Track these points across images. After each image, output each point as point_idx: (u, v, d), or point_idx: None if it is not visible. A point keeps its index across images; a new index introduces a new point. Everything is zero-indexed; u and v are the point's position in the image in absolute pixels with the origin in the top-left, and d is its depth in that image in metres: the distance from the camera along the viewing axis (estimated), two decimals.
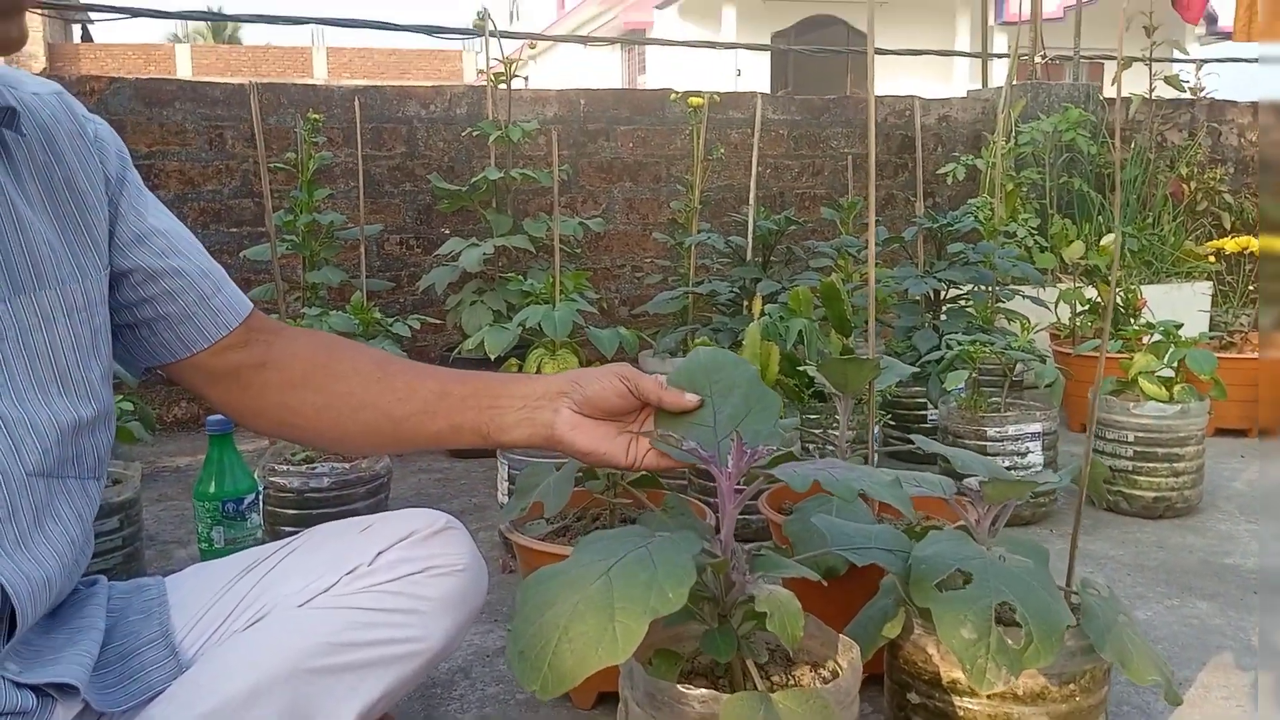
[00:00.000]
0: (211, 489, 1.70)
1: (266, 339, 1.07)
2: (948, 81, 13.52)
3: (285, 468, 1.93)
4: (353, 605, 0.99)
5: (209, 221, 3.29)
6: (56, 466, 0.89)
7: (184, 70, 23.12)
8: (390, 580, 1.01)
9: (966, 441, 2.21)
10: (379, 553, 1.03)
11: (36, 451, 0.87)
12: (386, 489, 2.04)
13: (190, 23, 30.13)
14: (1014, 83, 4.12)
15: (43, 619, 0.92)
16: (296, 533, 1.10)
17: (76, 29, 23.48)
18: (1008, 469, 2.12)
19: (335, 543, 1.06)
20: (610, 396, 1.03)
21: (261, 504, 1.79)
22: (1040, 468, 2.20)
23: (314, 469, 1.93)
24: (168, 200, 3.20)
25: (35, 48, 20.15)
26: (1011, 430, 2.20)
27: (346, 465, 1.96)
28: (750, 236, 3.01)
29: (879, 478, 0.92)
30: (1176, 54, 5.10)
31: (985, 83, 4.69)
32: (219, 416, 1.71)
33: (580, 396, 1.02)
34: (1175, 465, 2.23)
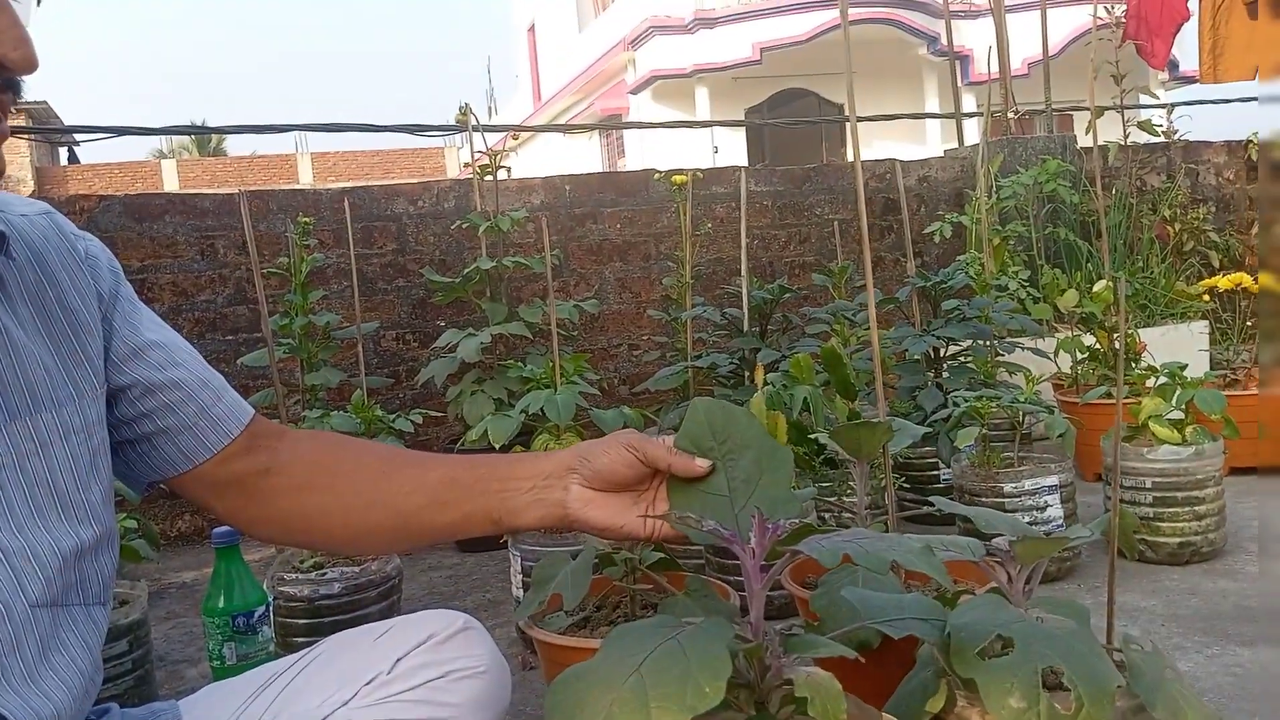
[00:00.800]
0: (220, 604, 1.65)
1: (269, 444, 1.05)
2: (922, 143, 13.76)
3: (294, 576, 1.89)
4: (376, 718, 0.95)
5: (204, 331, 3.29)
6: (60, 595, 0.86)
7: (171, 185, 23.46)
8: (411, 688, 0.98)
9: (983, 499, 2.18)
10: (397, 660, 0.99)
11: (39, 581, 0.84)
12: (398, 590, 2.00)
13: (175, 138, 30.65)
14: (990, 139, 4.19)
15: None
16: (310, 643, 1.06)
17: (63, 152, 23.88)
18: (1028, 524, 2.08)
19: (352, 652, 1.03)
20: (619, 467, 1.00)
21: (272, 615, 1.75)
22: (1060, 521, 2.17)
23: (324, 575, 1.89)
24: (162, 313, 3.20)
25: (23, 172, 20.46)
26: (1028, 485, 2.17)
27: (357, 569, 1.92)
28: (745, 307, 3.01)
29: (909, 545, 0.89)
30: (1145, 99, 5.19)
31: (960, 141, 4.76)
32: (225, 528, 1.67)
33: (589, 471, 1.00)
34: (1196, 509, 2.20)
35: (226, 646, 1.66)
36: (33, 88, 0.81)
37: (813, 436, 2.10)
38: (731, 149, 15.31)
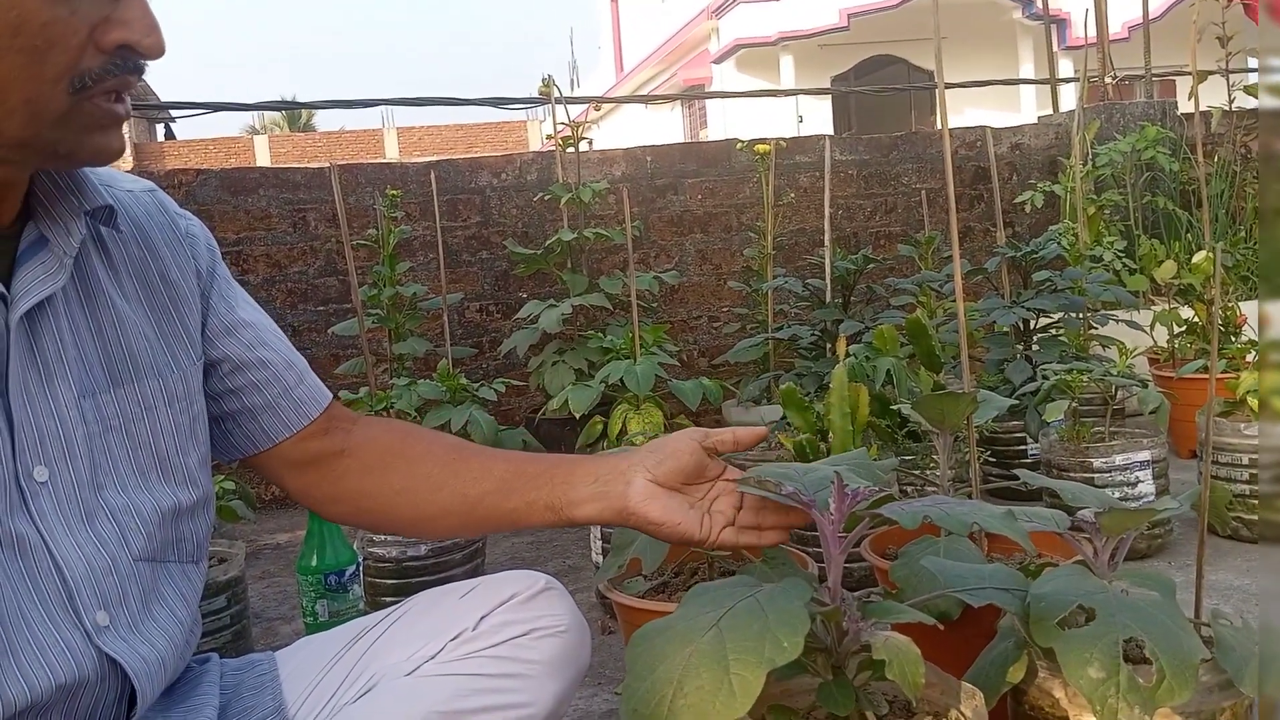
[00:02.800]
0: (314, 562, 1.72)
1: (345, 427, 1.10)
2: (1015, 110, 13.36)
3: (383, 538, 1.95)
4: (460, 672, 0.98)
5: (296, 301, 3.39)
6: (160, 551, 0.91)
7: (263, 159, 24.08)
8: (495, 645, 1.00)
9: (1072, 474, 2.13)
10: (482, 617, 1.02)
11: (141, 537, 0.89)
12: (482, 554, 2.05)
13: (267, 114, 31.42)
14: (1086, 105, 4.05)
15: (159, 698, 0.93)
16: (397, 602, 1.10)
17: (160, 128, 24.69)
18: (1119, 500, 2.04)
19: (438, 609, 1.05)
20: (684, 454, 1.01)
21: (362, 575, 1.81)
22: (1152, 497, 2.11)
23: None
24: (256, 283, 3.31)
25: (124, 138, 21.20)
26: (1119, 460, 2.12)
27: None
28: (828, 278, 2.98)
29: (991, 511, 0.89)
30: (1252, 63, 4.97)
31: (1055, 108, 4.62)
32: None
33: (654, 461, 1.01)
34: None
35: (319, 604, 1.72)
36: None
37: (895, 408, 2.07)
38: (816, 118, 15.07)
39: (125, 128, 0.89)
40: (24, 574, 0.81)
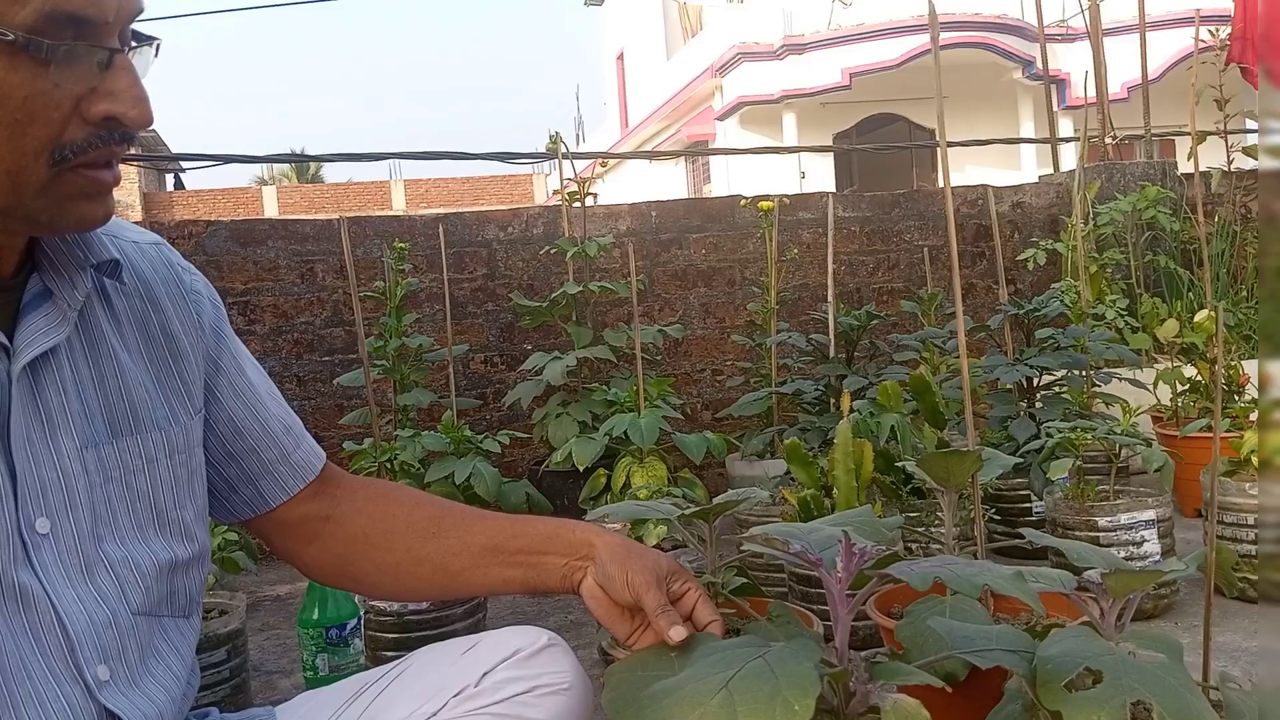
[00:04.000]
0: (315, 616, 1.71)
1: (332, 491, 1.11)
2: (1016, 168, 13.49)
3: None
4: None
5: (302, 351, 3.40)
6: (156, 605, 0.91)
7: (271, 210, 24.33)
8: (497, 702, 1.00)
9: (1077, 533, 2.12)
10: (484, 673, 1.01)
11: (139, 591, 0.89)
12: (484, 608, 2.03)
13: (275, 165, 31.78)
14: (1086, 165, 4.10)
15: None
16: (398, 657, 1.09)
17: (169, 178, 24.96)
18: (1124, 560, 2.02)
19: (440, 665, 1.05)
20: (619, 590, 1.01)
21: (363, 629, 1.80)
22: (1157, 557, 2.10)
23: None
24: (264, 333, 3.33)
25: (131, 197, 21.44)
26: (1124, 519, 2.11)
27: None
28: (832, 333, 3.00)
29: (1000, 572, 0.89)
30: (1251, 124, 5.03)
31: (1056, 167, 4.67)
32: None
33: (602, 575, 1.03)
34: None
35: (320, 657, 1.71)
36: None
37: (900, 465, 2.07)
38: (819, 175, 15.22)
39: (135, 177, 0.90)
40: (26, 627, 0.81)
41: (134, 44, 0.82)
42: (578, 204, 3.32)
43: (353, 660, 1.72)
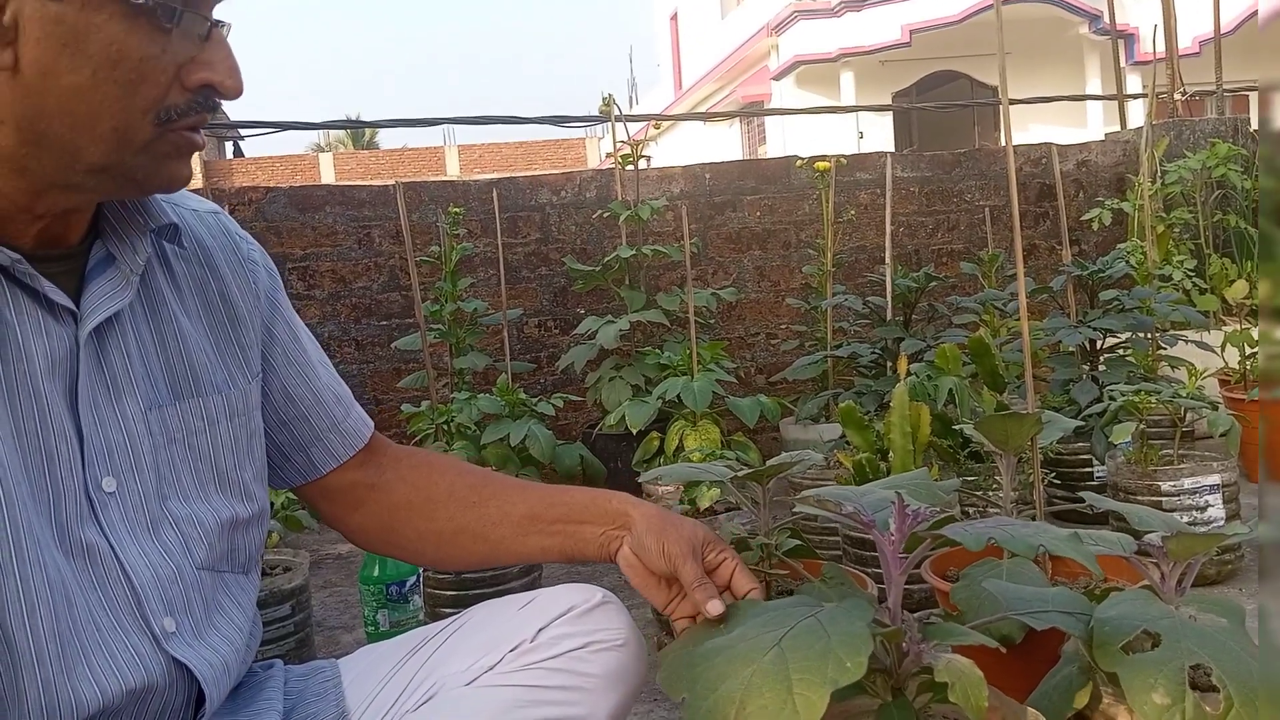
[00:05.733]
0: (376, 573, 1.74)
1: (378, 460, 1.13)
2: (1082, 126, 13.14)
3: None
4: (518, 683, 0.99)
5: (360, 316, 3.45)
6: (218, 561, 0.94)
7: (328, 176, 24.61)
8: (553, 656, 1.01)
9: (1139, 497, 2.08)
10: (540, 629, 1.03)
11: (203, 546, 0.92)
12: (539, 568, 2.06)
13: (332, 132, 32.11)
14: (1154, 122, 3.98)
15: (225, 702, 0.95)
16: (456, 613, 1.11)
17: (229, 146, 25.33)
18: (1187, 524, 1.99)
19: (497, 621, 1.07)
20: (655, 560, 1.03)
21: (422, 586, 1.83)
22: (1222, 522, 2.05)
23: None
24: (322, 298, 3.38)
25: (193, 164, 21.82)
26: (1188, 483, 2.07)
27: None
28: (889, 296, 2.96)
29: (1056, 533, 0.88)
30: None
31: (1123, 124, 4.54)
32: None
33: (636, 543, 1.04)
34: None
35: (380, 613, 1.75)
36: None
37: (957, 428, 2.05)
38: (877, 135, 14.98)
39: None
40: (94, 582, 0.84)
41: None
42: (630, 167, 3.31)
43: (412, 616, 1.76)
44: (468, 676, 1.01)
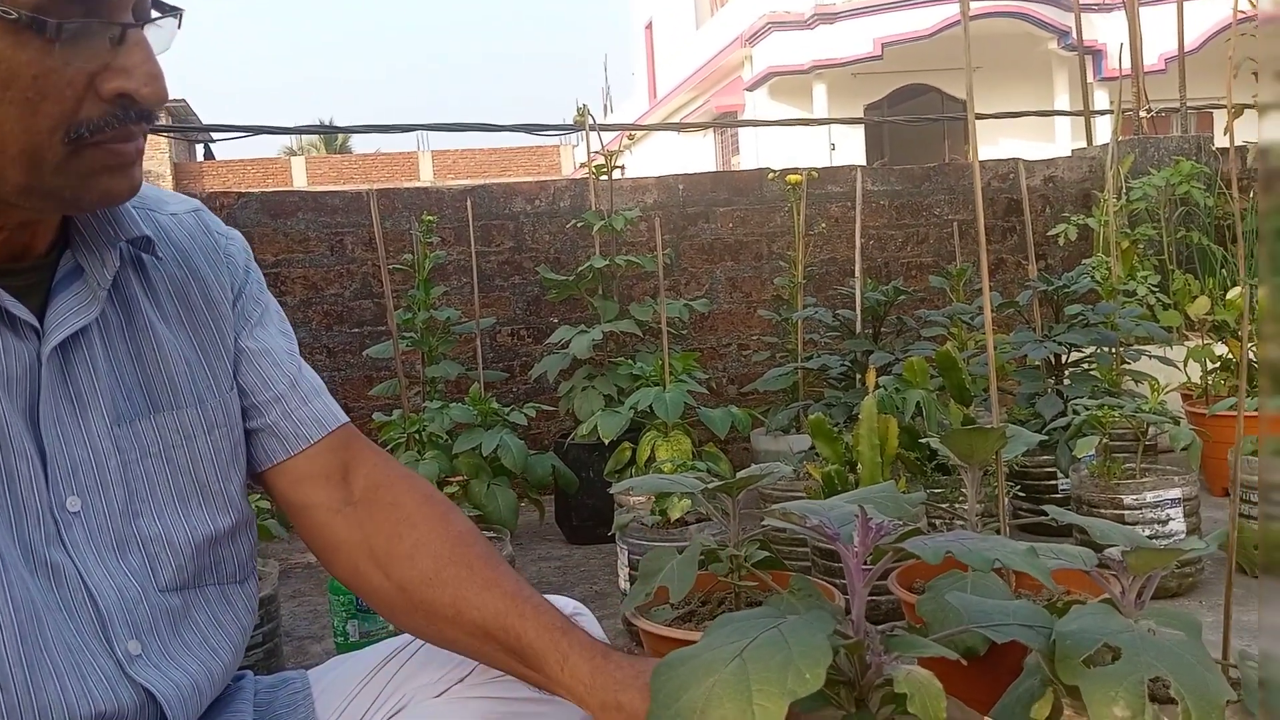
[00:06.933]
0: None
1: (351, 484, 1.03)
2: (1049, 141, 13.31)
3: None
4: (488, 695, 1.00)
5: (332, 323, 3.44)
6: (193, 578, 0.92)
7: (299, 180, 24.45)
8: None
9: (1102, 511, 2.12)
10: None
11: (169, 569, 0.89)
12: None
13: (304, 136, 31.92)
14: (1120, 138, 4.05)
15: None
16: None
17: (199, 148, 25.12)
18: (1148, 538, 2.02)
19: None
20: None
21: None
22: (1183, 535, 2.09)
23: None
24: (293, 305, 3.37)
25: (162, 167, 21.63)
26: (1150, 497, 2.10)
27: None
28: (859, 309, 2.99)
29: (1013, 548, 0.89)
30: None
31: (1090, 140, 4.61)
32: None
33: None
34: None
35: (350, 624, 1.74)
36: (172, 88, 0.83)
37: (924, 441, 2.08)
38: (849, 146, 15.10)
39: (165, 147, 0.88)
40: (60, 603, 0.82)
41: (155, 15, 0.80)
42: (604, 177, 3.33)
43: (382, 627, 1.76)
44: (438, 689, 1.01)
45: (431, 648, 1.06)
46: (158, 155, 21.74)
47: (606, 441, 2.62)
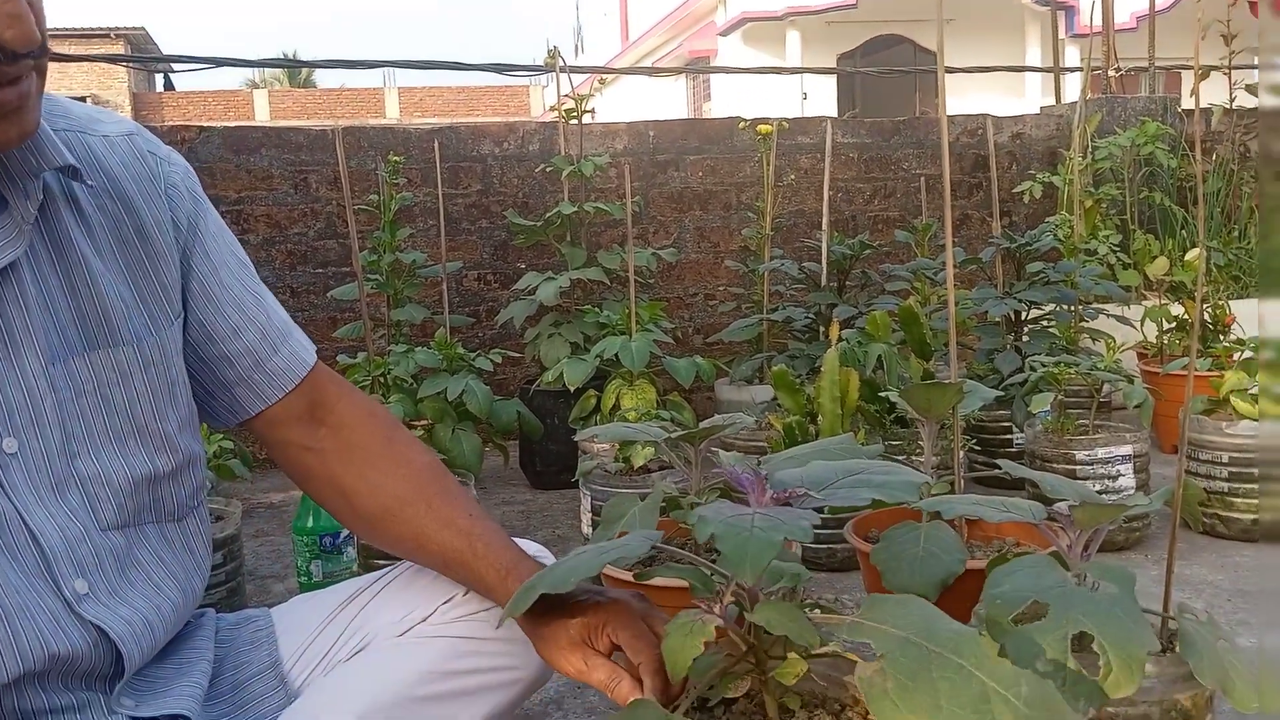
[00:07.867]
0: (309, 524, 1.75)
1: (322, 419, 1.06)
2: (1020, 96, 13.30)
3: None
4: (450, 635, 1.02)
5: (296, 263, 3.40)
6: (134, 516, 0.91)
7: (262, 114, 23.94)
8: (485, 609, 1.04)
9: (1055, 465, 2.17)
10: None
11: (110, 508, 0.89)
12: None
13: (268, 69, 31.19)
14: (1088, 97, 4.07)
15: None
16: (390, 565, 1.13)
17: (159, 79, 24.49)
18: (1098, 493, 2.08)
19: (430, 573, 1.08)
20: (576, 626, 0.96)
21: (355, 538, 1.84)
22: (1132, 491, 2.15)
23: None
24: (256, 244, 3.32)
25: (121, 98, 21.09)
26: (1101, 453, 2.16)
27: None
28: (824, 262, 3.01)
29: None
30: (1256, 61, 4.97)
31: (1059, 98, 4.63)
32: None
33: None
34: (1274, 485, 2.16)
35: (313, 564, 1.76)
36: (131, 14, 0.77)
37: (884, 395, 2.11)
38: (821, 95, 15.01)
39: (125, 77, 0.83)
40: (3, 547, 0.82)
41: None
42: (575, 121, 3.30)
43: (345, 567, 1.77)
44: (401, 628, 1.03)
45: (394, 588, 1.08)
46: (116, 85, 21.19)
47: (572, 389, 2.63)
